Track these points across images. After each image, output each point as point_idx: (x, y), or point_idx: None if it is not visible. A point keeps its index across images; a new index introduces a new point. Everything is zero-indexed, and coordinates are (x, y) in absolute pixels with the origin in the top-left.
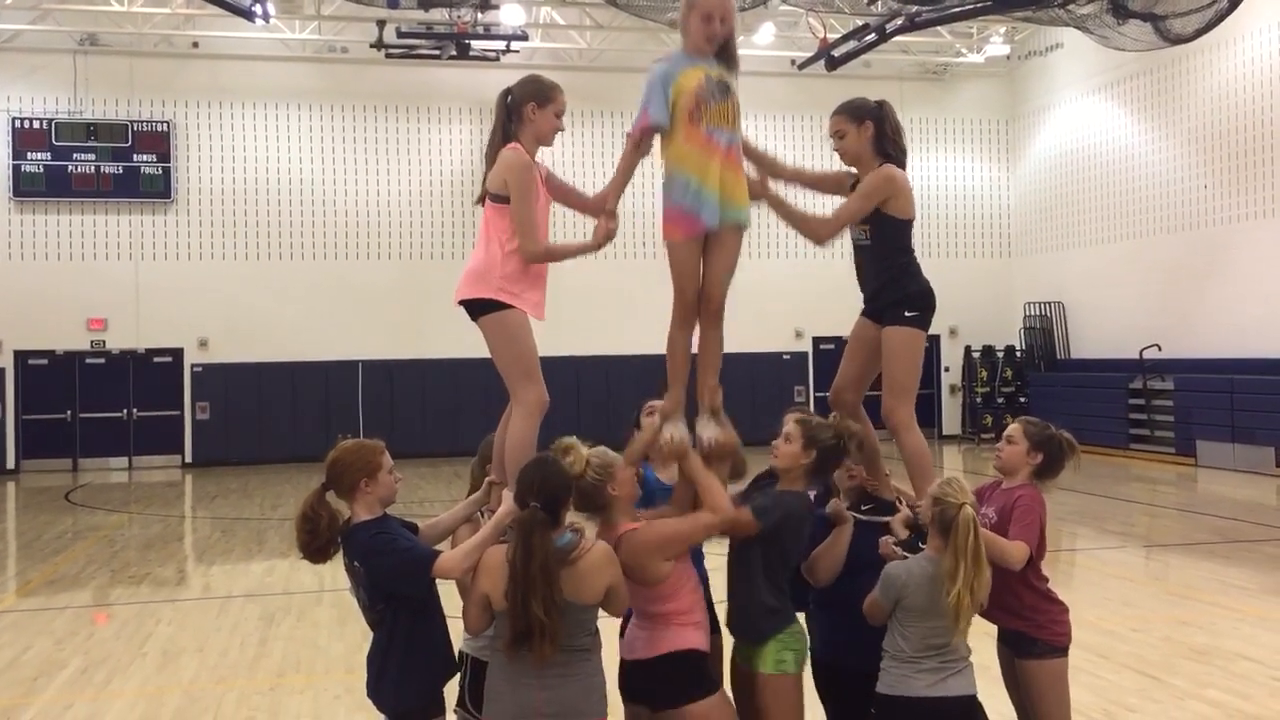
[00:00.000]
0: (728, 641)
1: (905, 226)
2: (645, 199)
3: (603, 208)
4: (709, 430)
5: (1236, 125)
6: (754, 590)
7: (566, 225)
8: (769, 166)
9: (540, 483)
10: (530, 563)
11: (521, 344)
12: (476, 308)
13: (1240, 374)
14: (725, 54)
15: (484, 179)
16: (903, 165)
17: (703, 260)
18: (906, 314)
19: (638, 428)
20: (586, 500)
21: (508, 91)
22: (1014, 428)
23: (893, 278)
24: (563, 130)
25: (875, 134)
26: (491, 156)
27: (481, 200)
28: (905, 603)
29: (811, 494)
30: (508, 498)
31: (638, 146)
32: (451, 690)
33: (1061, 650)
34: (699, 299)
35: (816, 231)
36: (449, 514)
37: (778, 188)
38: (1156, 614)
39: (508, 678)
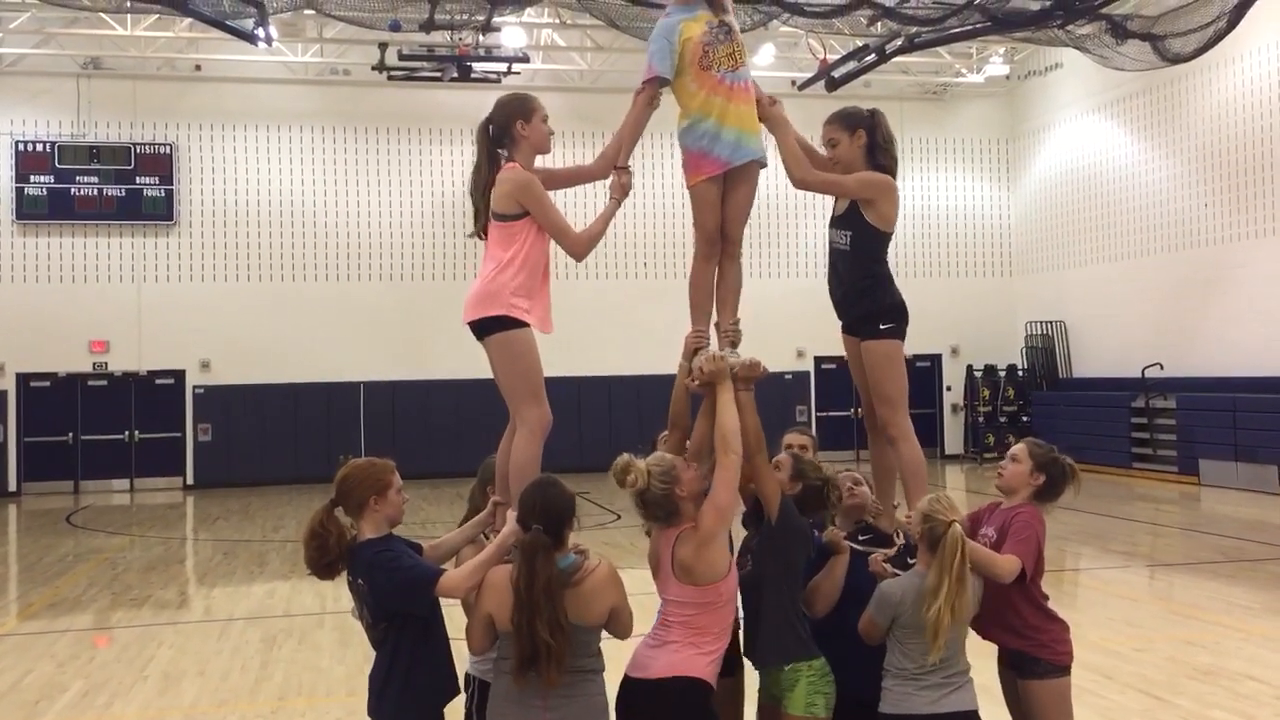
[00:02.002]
0: (749, 683)
1: (885, 239)
2: (647, 221)
3: (612, 167)
4: (734, 356)
5: (1236, 144)
6: (777, 609)
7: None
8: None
9: (542, 505)
10: (534, 585)
11: (528, 363)
12: (486, 327)
13: (1243, 392)
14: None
15: (476, 213)
16: (894, 175)
17: (722, 198)
18: (882, 326)
19: None
20: (658, 510)
21: (487, 123)
22: (1019, 447)
23: (866, 289)
24: (552, 133)
25: (868, 143)
26: (480, 189)
27: (483, 233)
28: (902, 620)
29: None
30: (511, 518)
31: (649, 101)
32: (457, 712)
33: (1064, 669)
34: (719, 235)
35: (800, 170)
36: (453, 535)
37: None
38: (1160, 634)
39: (510, 699)
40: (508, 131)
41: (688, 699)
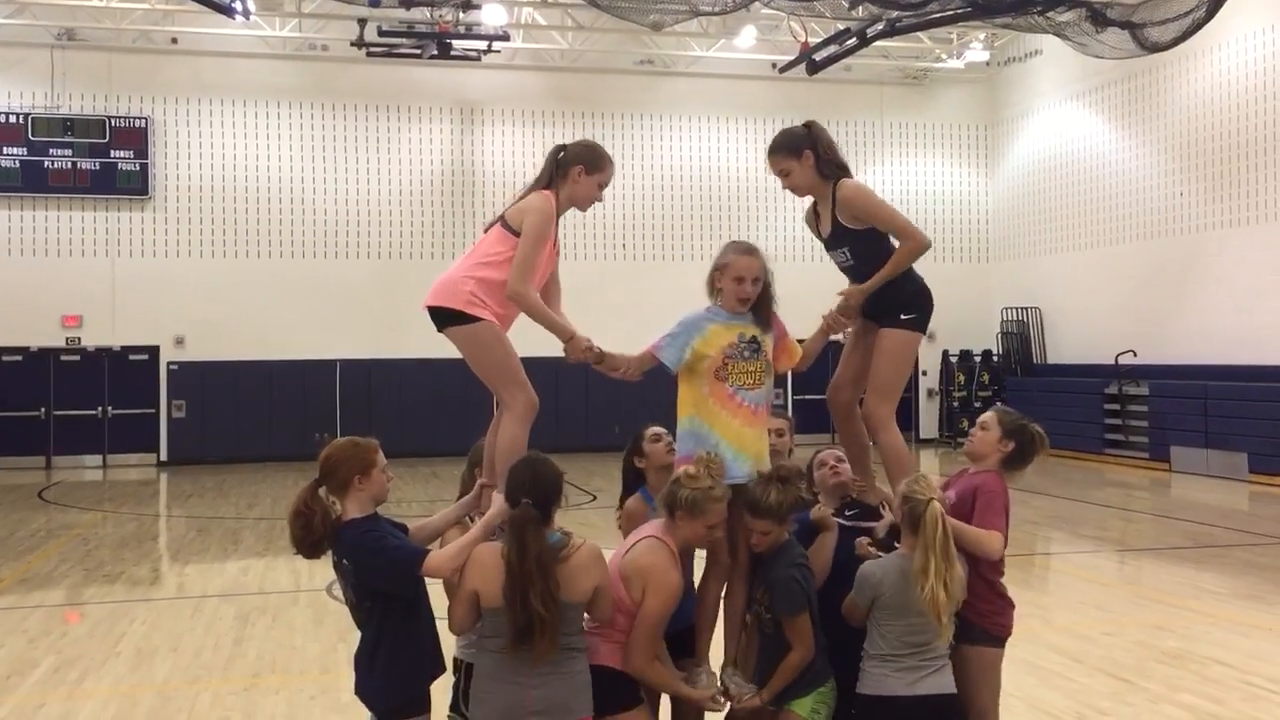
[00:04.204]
0: None
1: (883, 237)
2: (630, 203)
3: (575, 338)
4: (735, 683)
5: (1212, 133)
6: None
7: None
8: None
9: (532, 481)
10: (526, 558)
11: (499, 352)
12: (444, 317)
13: (1214, 380)
14: (759, 311)
15: (505, 210)
16: (849, 175)
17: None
18: (903, 317)
19: (638, 454)
20: (669, 501)
21: (561, 148)
22: (988, 415)
23: (885, 283)
24: (601, 202)
25: (815, 160)
26: (523, 195)
27: (491, 225)
28: (881, 600)
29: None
30: (498, 498)
31: (643, 361)
32: (443, 693)
33: (997, 641)
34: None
35: (914, 250)
36: (438, 516)
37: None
38: (1130, 618)
39: (495, 677)
40: (567, 167)
41: (600, 685)
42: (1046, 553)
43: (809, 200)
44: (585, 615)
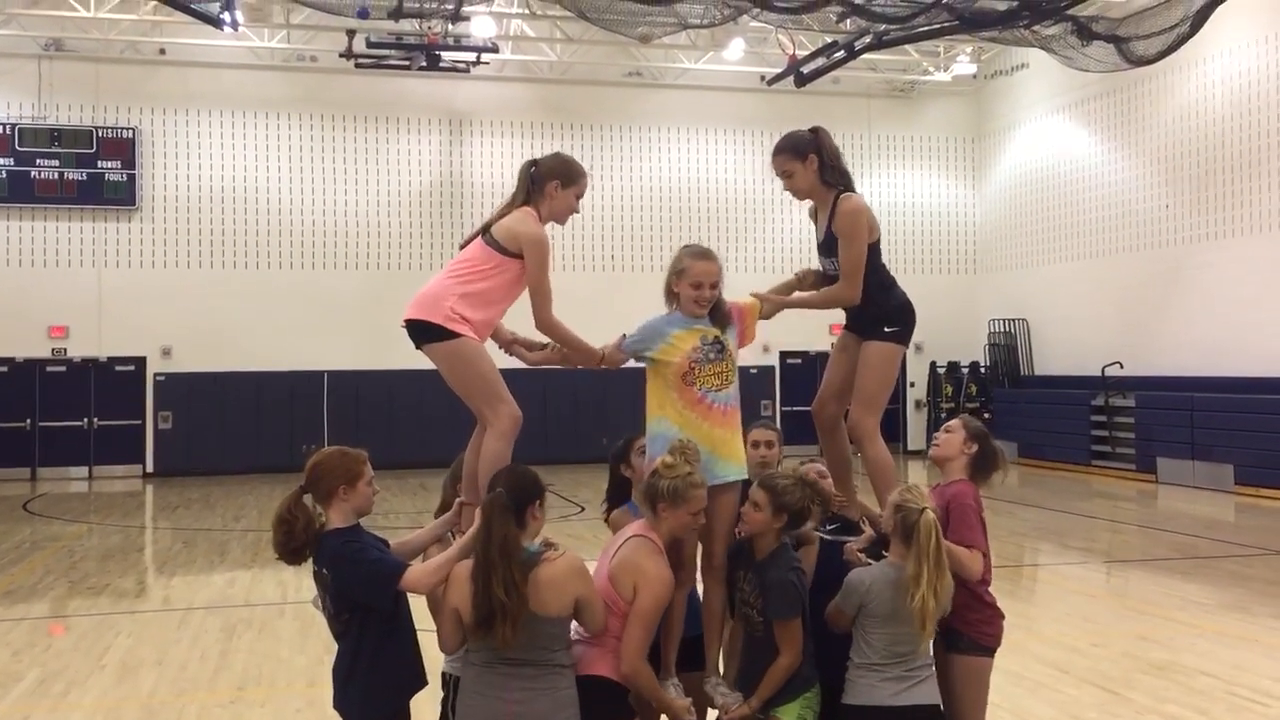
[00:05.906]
0: None
1: (872, 249)
2: (619, 214)
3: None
4: (720, 693)
5: (1198, 146)
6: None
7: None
8: (770, 303)
9: (507, 479)
10: (490, 544)
11: (481, 368)
12: (423, 332)
13: (1200, 392)
14: (717, 313)
15: (486, 223)
16: (852, 186)
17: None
18: (886, 330)
19: (626, 463)
20: (649, 492)
21: (533, 163)
22: (953, 421)
23: (869, 297)
24: (578, 213)
25: (819, 165)
26: (504, 211)
27: (470, 239)
28: (868, 609)
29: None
30: (479, 515)
31: (609, 354)
32: (427, 706)
33: (985, 650)
34: (702, 554)
35: (842, 296)
36: (420, 533)
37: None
38: (1116, 629)
39: (476, 691)
40: (542, 183)
41: (594, 695)
42: (1034, 564)
43: (807, 203)
44: (576, 626)
